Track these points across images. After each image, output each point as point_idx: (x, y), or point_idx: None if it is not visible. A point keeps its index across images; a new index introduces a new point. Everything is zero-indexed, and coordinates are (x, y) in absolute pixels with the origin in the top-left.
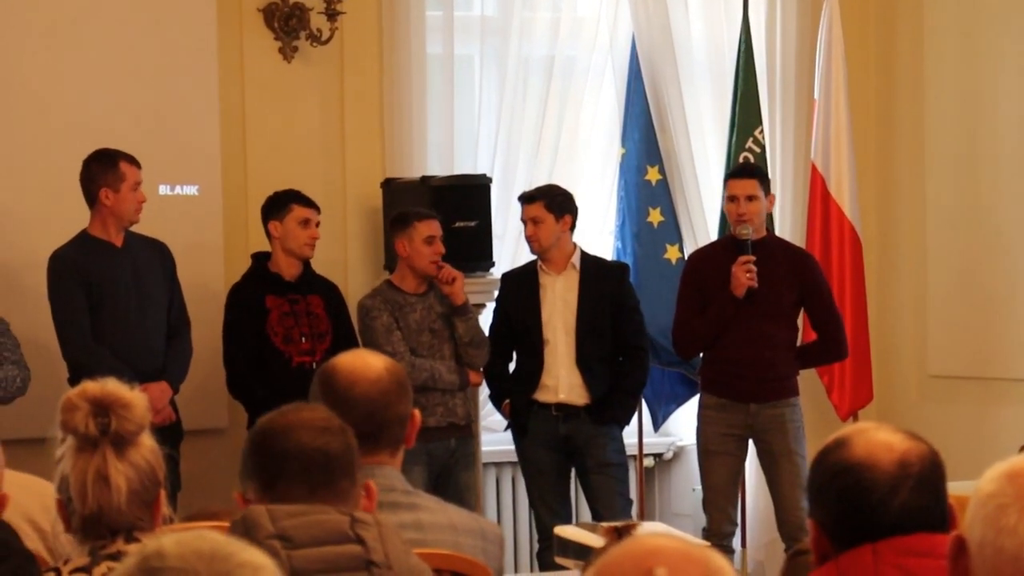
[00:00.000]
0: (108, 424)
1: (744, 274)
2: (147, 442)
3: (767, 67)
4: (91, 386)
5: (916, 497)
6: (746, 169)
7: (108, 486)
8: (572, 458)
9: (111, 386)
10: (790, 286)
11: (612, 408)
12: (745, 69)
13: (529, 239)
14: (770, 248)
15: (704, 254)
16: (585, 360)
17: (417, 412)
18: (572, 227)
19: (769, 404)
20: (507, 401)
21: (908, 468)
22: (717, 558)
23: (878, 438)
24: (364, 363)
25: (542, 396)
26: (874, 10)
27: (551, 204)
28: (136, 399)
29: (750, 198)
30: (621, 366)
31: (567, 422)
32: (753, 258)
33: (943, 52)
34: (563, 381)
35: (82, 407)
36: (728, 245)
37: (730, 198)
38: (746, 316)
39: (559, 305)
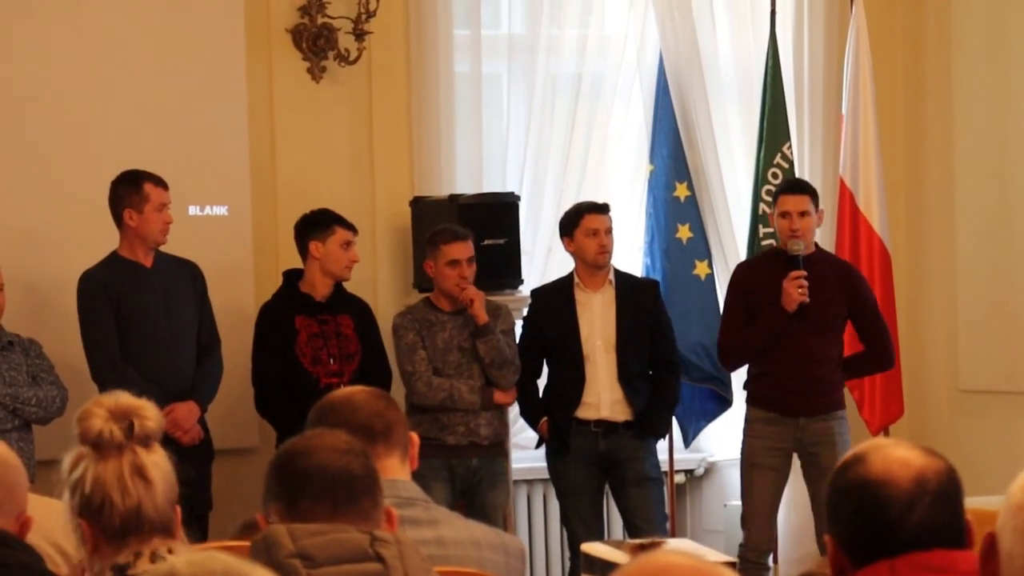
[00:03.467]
0: (131, 426)
1: (796, 289)
2: (160, 448)
3: (795, 82)
4: (103, 398)
5: (933, 513)
6: (799, 185)
7: (145, 479)
8: (608, 473)
9: (123, 397)
10: (838, 300)
11: (652, 423)
12: (773, 85)
13: (604, 250)
14: (818, 263)
15: (750, 266)
16: (626, 376)
17: (415, 435)
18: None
19: (818, 418)
20: (544, 419)
21: (925, 484)
22: (729, 575)
23: (895, 454)
24: (350, 387)
25: (582, 413)
26: (901, 24)
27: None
28: (149, 404)
29: (803, 214)
30: (657, 381)
31: (606, 438)
32: (805, 273)
33: (971, 66)
34: (604, 397)
35: (100, 413)
36: (774, 259)
37: (782, 214)
38: (795, 330)
39: (598, 321)
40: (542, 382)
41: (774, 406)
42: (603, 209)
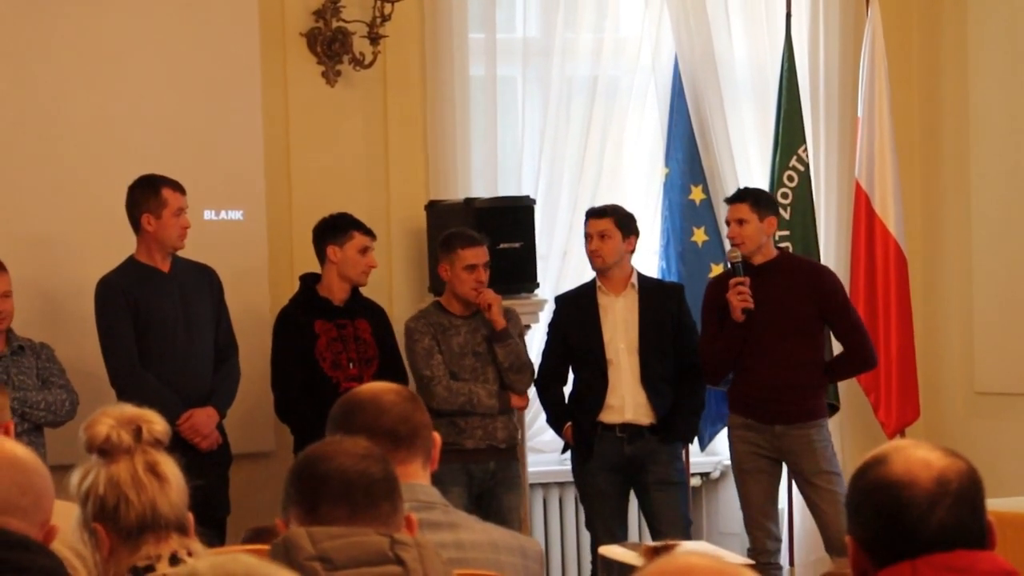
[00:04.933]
0: (140, 430)
1: (736, 298)
2: (169, 455)
3: (810, 85)
4: (108, 409)
5: (955, 514)
6: (737, 193)
7: (159, 476)
8: (632, 478)
9: (127, 407)
10: (805, 303)
11: (678, 427)
12: (788, 87)
13: (593, 254)
14: (781, 268)
15: (718, 280)
16: (650, 380)
17: (437, 435)
18: (633, 250)
19: (795, 426)
20: (568, 424)
21: (946, 485)
22: None
23: (916, 455)
24: (379, 384)
25: (607, 417)
26: (917, 26)
27: (620, 222)
28: (154, 415)
29: (740, 222)
30: (682, 385)
31: (631, 442)
32: (745, 280)
33: (987, 67)
34: (628, 401)
35: (107, 422)
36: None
37: (726, 222)
38: (763, 337)
39: (620, 326)
40: (567, 388)
41: (750, 412)
42: (596, 213)
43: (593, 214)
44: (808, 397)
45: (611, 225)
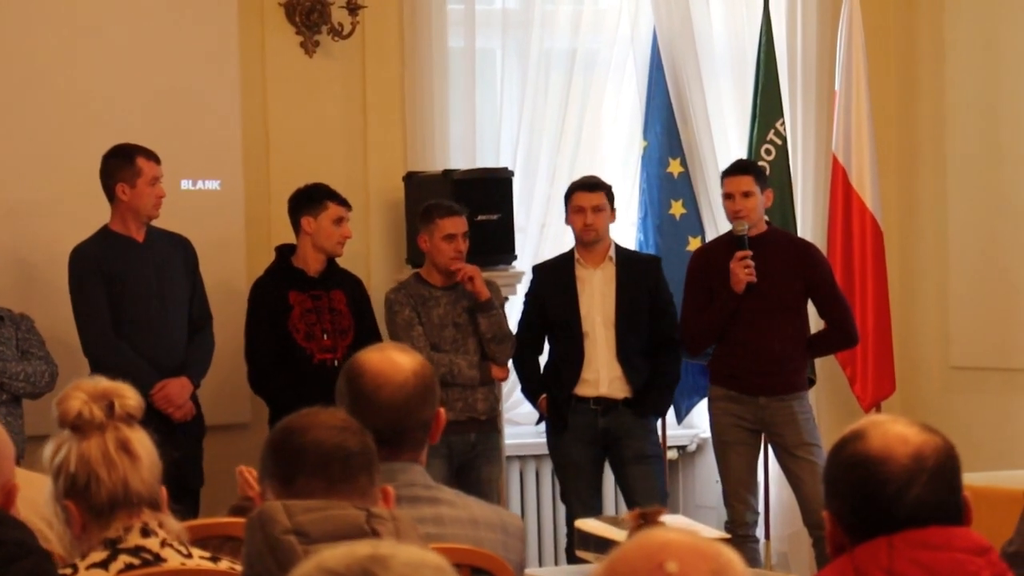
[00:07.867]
0: (112, 406)
1: (742, 270)
2: (142, 429)
3: (788, 59)
4: (82, 383)
5: (931, 490)
6: (740, 166)
7: (130, 454)
8: (607, 451)
9: (101, 381)
10: (794, 278)
11: (652, 400)
12: (766, 61)
13: (588, 228)
14: (772, 241)
15: (707, 251)
16: (625, 353)
17: (442, 410)
18: (613, 221)
19: (778, 398)
20: (543, 396)
21: (923, 461)
22: (727, 552)
23: (894, 431)
24: (392, 365)
25: (581, 390)
26: (894, 1)
27: (610, 195)
28: (128, 388)
29: (746, 194)
30: (657, 358)
31: (606, 415)
32: (750, 253)
33: (964, 41)
34: (603, 375)
35: (79, 396)
36: (728, 242)
37: (726, 195)
38: (753, 310)
39: (597, 298)
40: (543, 358)
41: (734, 384)
42: (589, 187)
43: (585, 187)
44: (792, 370)
45: (604, 199)
